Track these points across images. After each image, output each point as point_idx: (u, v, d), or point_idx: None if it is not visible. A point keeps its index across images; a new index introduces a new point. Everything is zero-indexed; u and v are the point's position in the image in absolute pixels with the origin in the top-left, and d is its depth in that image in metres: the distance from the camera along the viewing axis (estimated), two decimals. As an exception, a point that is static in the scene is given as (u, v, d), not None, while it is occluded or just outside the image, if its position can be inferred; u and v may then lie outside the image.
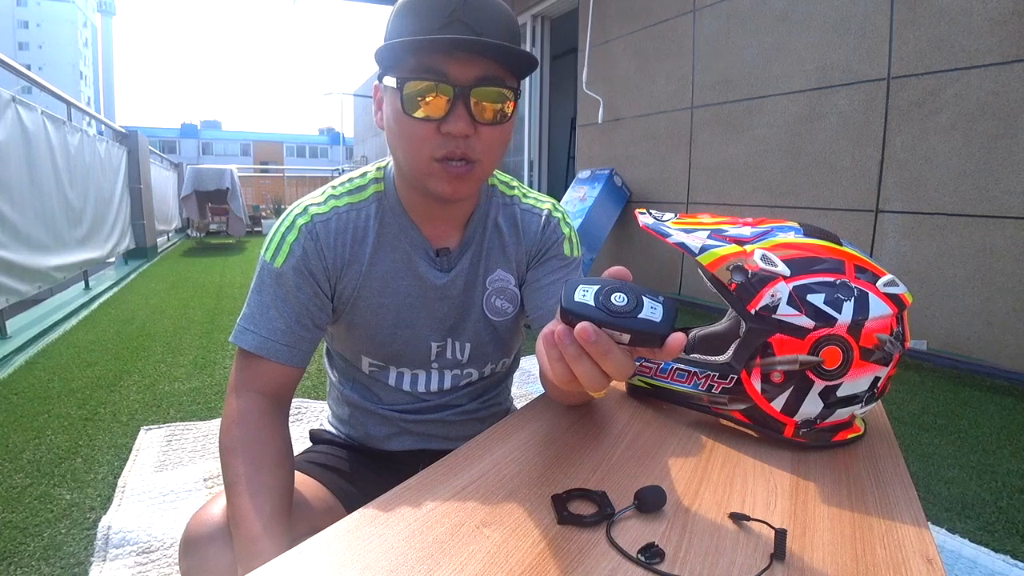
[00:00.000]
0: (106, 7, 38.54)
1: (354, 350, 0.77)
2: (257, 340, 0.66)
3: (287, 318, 0.67)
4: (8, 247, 2.91)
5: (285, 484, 0.62)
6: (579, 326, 0.37)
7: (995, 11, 2.38)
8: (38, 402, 2.13)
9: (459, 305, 0.75)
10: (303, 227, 0.68)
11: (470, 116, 0.59)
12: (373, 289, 0.71)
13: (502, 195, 0.77)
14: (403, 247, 0.71)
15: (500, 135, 0.63)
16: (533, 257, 0.77)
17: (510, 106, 0.62)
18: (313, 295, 0.68)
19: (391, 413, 0.79)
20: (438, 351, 0.76)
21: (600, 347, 0.36)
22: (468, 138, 0.60)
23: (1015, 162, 2.37)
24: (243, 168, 12.99)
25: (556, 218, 0.78)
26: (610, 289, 0.39)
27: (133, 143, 6.02)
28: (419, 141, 0.61)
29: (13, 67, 3.17)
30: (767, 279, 0.59)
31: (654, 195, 4.23)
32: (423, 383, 0.78)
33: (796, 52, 3.20)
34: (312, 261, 0.68)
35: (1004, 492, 1.55)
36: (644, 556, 0.43)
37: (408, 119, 0.60)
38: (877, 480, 0.56)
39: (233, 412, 0.66)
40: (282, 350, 0.66)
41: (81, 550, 1.27)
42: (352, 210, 0.71)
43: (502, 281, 0.76)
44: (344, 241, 0.70)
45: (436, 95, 0.59)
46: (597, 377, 0.38)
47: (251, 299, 0.68)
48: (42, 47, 57.35)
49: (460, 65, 0.58)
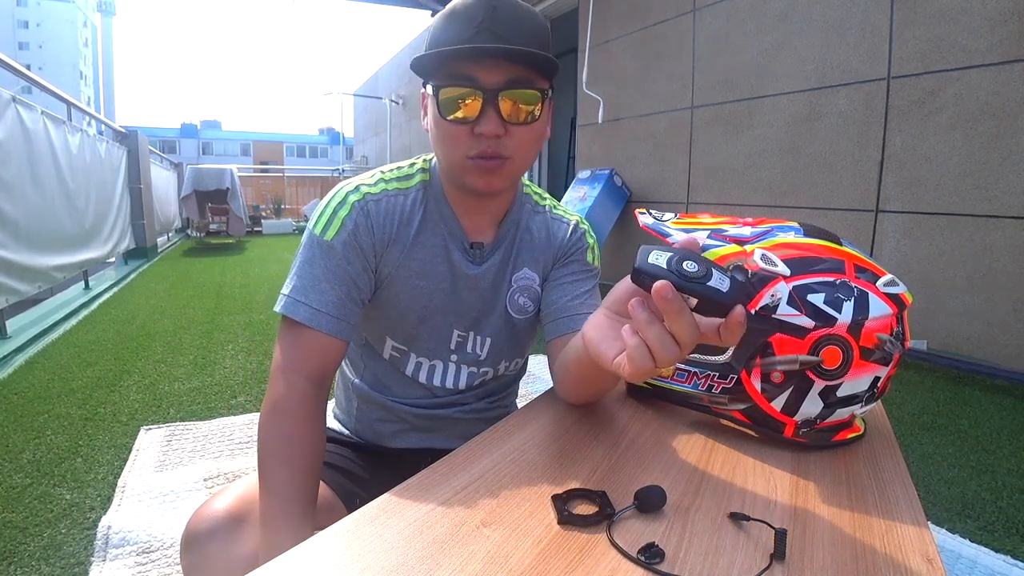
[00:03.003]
0: (106, 7, 38.56)
1: (380, 331, 0.79)
2: (308, 312, 0.67)
3: (338, 291, 0.68)
4: (8, 247, 2.91)
5: (314, 488, 0.64)
6: (658, 284, 0.39)
7: (995, 11, 2.38)
8: (38, 402, 2.13)
9: (486, 299, 0.78)
10: (356, 203, 0.71)
11: (500, 117, 0.64)
12: (412, 270, 0.74)
13: (534, 204, 0.83)
14: (442, 234, 0.75)
15: (530, 133, 0.67)
16: (559, 259, 0.81)
17: (539, 107, 0.66)
18: (362, 269, 0.71)
19: (401, 407, 0.80)
20: (459, 341, 0.79)
21: (675, 305, 0.39)
22: (500, 138, 0.65)
23: (1015, 162, 2.37)
24: (243, 168, 12.97)
25: (583, 229, 0.83)
26: (682, 256, 0.41)
27: (133, 143, 6.02)
28: (455, 141, 0.66)
29: (13, 67, 3.17)
30: (767, 279, 0.59)
31: (654, 195, 4.23)
32: (439, 377, 0.80)
33: (796, 52, 3.20)
34: (363, 236, 0.70)
35: (1004, 492, 1.56)
36: (644, 556, 0.43)
37: (445, 122, 0.65)
38: (877, 480, 0.56)
39: (276, 401, 0.66)
40: (333, 322, 0.68)
41: (81, 550, 1.27)
42: (400, 194, 0.74)
43: (527, 280, 0.80)
44: (392, 220, 0.73)
45: (469, 99, 0.63)
46: (668, 343, 0.41)
47: (300, 271, 0.69)
48: (42, 47, 57.34)
49: (488, 71, 0.63)
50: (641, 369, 0.43)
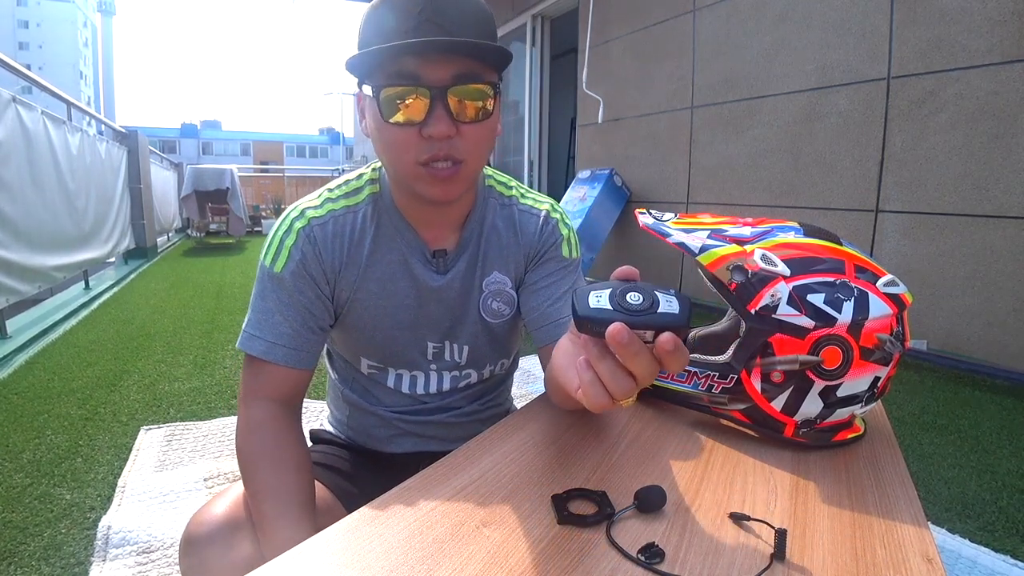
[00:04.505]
0: (106, 7, 38.56)
1: (353, 351, 0.77)
2: (264, 345, 0.66)
3: (292, 322, 0.67)
4: (8, 247, 2.91)
5: (309, 488, 0.63)
6: (613, 328, 0.36)
7: (995, 11, 2.38)
8: (38, 402, 2.13)
9: (456, 307, 0.75)
10: (300, 231, 0.68)
11: (450, 117, 0.58)
12: (370, 291, 0.71)
13: (499, 196, 0.77)
14: (399, 248, 0.71)
15: (484, 131, 0.62)
16: (531, 259, 0.76)
17: (491, 102, 0.61)
18: (315, 297, 0.69)
19: (391, 415, 0.79)
20: (435, 352, 0.76)
21: (633, 348, 0.36)
22: (451, 139, 0.59)
23: (1015, 162, 2.37)
24: (243, 168, 12.98)
25: (555, 219, 0.77)
26: (623, 290, 0.39)
27: (133, 143, 6.02)
28: (402, 147, 0.60)
29: (13, 67, 3.17)
30: (767, 279, 0.59)
31: (654, 195, 4.23)
32: (422, 385, 0.78)
33: (796, 52, 3.20)
34: (311, 265, 0.68)
35: (1004, 492, 1.55)
36: (644, 556, 0.43)
37: (388, 126, 0.59)
38: (877, 480, 0.56)
39: (247, 422, 0.65)
40: (290, 354, 0.66)
41: (81, 550, 1.27)
42: (348, 212, 0.70)
43: (499, 283, 0.76)
44: (341, 243, 0.70)
45: (414, 99, 0.58)
46: (622, 378, 0.38)
47: (254, 304, 0.68)
48: (42, 47, 57.34)
49: (434, 66, 0.57)
50: (598, 404, 0.39)
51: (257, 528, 0.58)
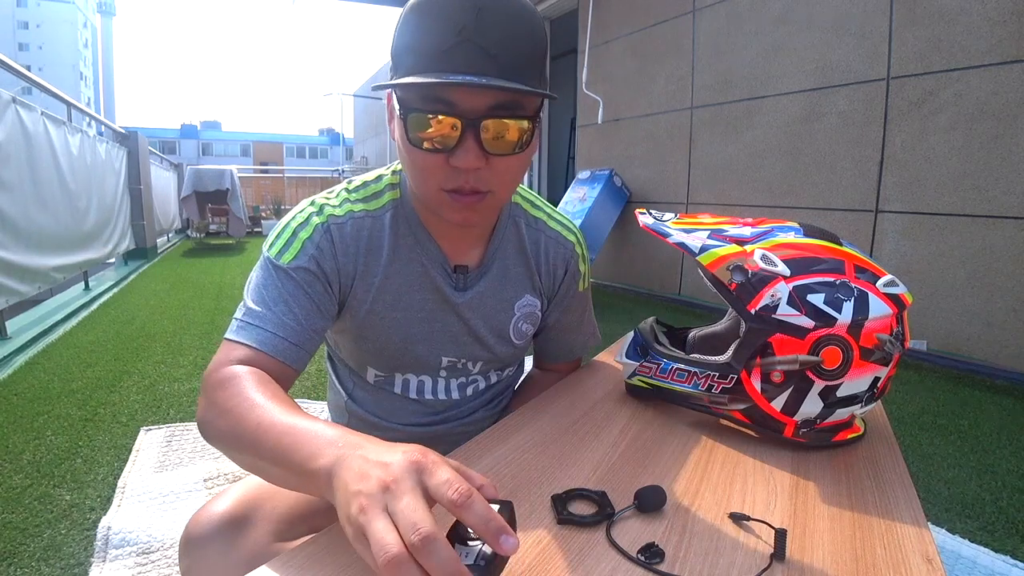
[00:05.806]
0: (106, 8, 38.53)
1: (360, 361, 0.75)
2: (263, 335, 0.58)
3: (297, 316, 0.62)
4: (8, 247, 2.91)
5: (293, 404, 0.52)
6: None
7: (995, 11, 2.38)
8: (38, 403, 2.13)
9: (475, 326, 0.72)
10: (319, 226, 0.65)
11: (480, 148, 0.54)
12: (386, 303, 0.69)
13: (525, 214, 0.75)
14: (419, 260, 0.69)
15: (516, 164, 0.58)
16: (555, 293, 0.78)
17: (526, 135, 0.57)
18: (323, 292, 0.65)
19: (397, 427, 0.77)
20: (449, 364, 0.75)
21: None
22: (479, 170, 0.56)
23: (1015, 162, 2.37)
24: (243, 169, 13.00)
25: (578, 255, 0.78)
26: None
27: (133, 144, 6.02)
28: (428, 172, 0.57)
29: (13, 68, 3.17)
30: (767, 279, 0.59)
31: (654, 195, 4.23)
32: (429, 390, 0.76)
33: (796, 52, 3.20)
34: (326, 261, 0.65)
35: (1004, 492, 1.55)
36: (644, 556, 0.43)
37: (416, 150, 0.56)
38: (877, 480, 0.56)
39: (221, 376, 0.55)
40: (291, 349, 0.60)
41: (81, 551, 1.27)
42: (368, 217, 0.68)
43: (530, 307, 0.76)
44: (358, 249, 0.67)
45: (444, 127, 0.54)
46: None
47: (255, 296, 0.62)
48: (42, 48, 57.36)
49: (469, 94, 0.53)
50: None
51: (278, 466, 0.45)
